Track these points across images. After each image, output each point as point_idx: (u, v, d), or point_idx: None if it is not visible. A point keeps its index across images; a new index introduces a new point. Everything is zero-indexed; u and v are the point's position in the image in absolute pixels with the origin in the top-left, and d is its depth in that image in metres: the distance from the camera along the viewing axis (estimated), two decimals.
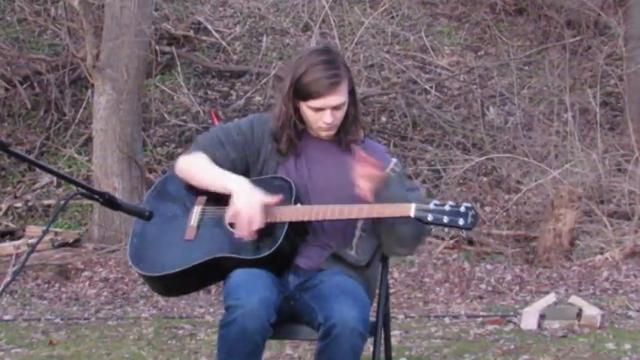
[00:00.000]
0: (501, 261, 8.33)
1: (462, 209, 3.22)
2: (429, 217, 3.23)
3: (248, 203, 3.29)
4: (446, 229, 3.31)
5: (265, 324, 3.14)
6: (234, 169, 3.44)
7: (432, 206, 3.24)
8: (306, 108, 3.41)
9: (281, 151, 3.46)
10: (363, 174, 3.30)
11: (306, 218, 3.33)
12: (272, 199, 3.32)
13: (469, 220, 3.22)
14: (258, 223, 3.28)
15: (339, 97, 3.39)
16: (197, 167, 3.45)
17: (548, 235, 8.32)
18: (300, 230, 3.37)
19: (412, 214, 3.24)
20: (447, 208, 3.23)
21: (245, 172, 3.46)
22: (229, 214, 3.33)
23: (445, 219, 3.22)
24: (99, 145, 9.18)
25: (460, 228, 3.23)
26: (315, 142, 3.50)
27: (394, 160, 3.54)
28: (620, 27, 10.43)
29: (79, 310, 7.18)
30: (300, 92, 3.39)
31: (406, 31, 11.85)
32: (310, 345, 5.29)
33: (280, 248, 3.30)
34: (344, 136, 3.48)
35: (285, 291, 3.34)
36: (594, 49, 11.35)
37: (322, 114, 3.40)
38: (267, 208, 3.31)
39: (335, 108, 3.40)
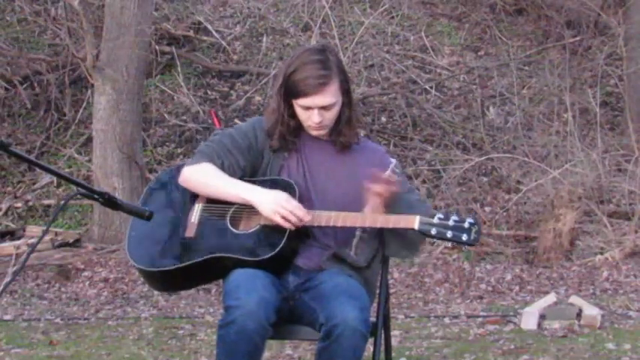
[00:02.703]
0: (501, 261, 8.33)
1: (466, 225, 3.23)
2: (433, 231, 3.25)
3: (276, 200, 3.30)
4: (449, 244, 3.35)
5: (264, 324, 3.14)
6: (243, 175, 3.44)
7: (435, 220, 3.25)
8: (297, 106, 3.42)
9: (273, 148, 3.46)
10: (376, 192, 3.33)
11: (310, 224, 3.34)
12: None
13: (472, 236, 3.23)
14: (298, 208, 3.29)
15: (327, 98, 3.38)
16: (207, 178, 3.42)
17: (548, 235, 8.32)
18: (302, 233, 3.37)
19: (416, 227, 3.26)
20: (450, 222, 3.24)
21: (253, 176, 3.46)
22: (267, 219, 3.31)
23: (449, 234, 3.23)
24: (99, 145, 9.17)
25: (463, 244, 3.25)
26: (312, 142, 3.50)
27: (393, 161, 3.54)
28: (620, 27, 10.42)
29: (79, 310, 7.17)
30: (290, 90, 3.39)
31: (406, 31, 11.84)
32: (310, 345, 5.29)
33: (282, 250, 3.30)
34: (337, 138, 3.48)
35: (284, 291, 3.34)
36: (594, 49, 11.35)
37: (310, 113, 3.40)
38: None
39: (323, 108, 3.40)
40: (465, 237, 3.23)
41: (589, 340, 5.66)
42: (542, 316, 6.14)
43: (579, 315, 6.10)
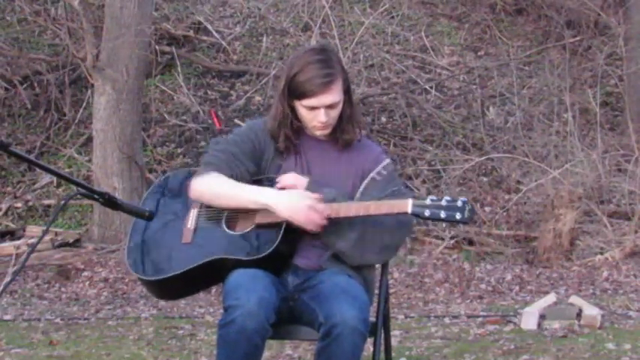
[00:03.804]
0: (501, 261, 8.33)
1: (459, 204, 3.24)
2: (427, 213, 3.25)
3: (295, 203, 3.28)
4: (443, 224, 3.34)
5: (264, 324, 3.14)
6: (250, 179, 3.43)
7: (428, 202, 3.25)
8: (301, 107, 3.42)
9: (279, 150, 3.46)
10: None
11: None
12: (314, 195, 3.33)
13: (466, 214, 3.23)
14: (320, 213, 3.27)
15: (333, 96, 3.39)
16: (218, 188, 3.38)
17: (548, 235, 8.32)
18: (297, 230, 3.37)
19: (409, 211, 3.26)
20: (443, 202, 3.25)
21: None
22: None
23: (442, 214, 3.24)
24: (99, 145, 9.18)
25: (457, 222, 3.25)
26: (312, 142, 3.50)
27: (384, 162, 3.52)
28: (620, 27, 10.43)
29: (79, 310, 7.18)
30: (295, 91, 3.39)
31: (406, 31, 11.85)
32: (310, 345, 5.29)
33: (278, 249, 3.30)
34: (340, 135, 3.49)
35: (284, 291, 3.34)
36: (594, 49, 11.35)
37: (316, 113, 3.40)
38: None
39: (329, 107, 3.40)
40: (458, 215, 3.23)
41: (589, 340, 5.66)
42: (542, 316, 6.13)
43: (579, 315, 6.09)
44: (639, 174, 8.83)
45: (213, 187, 3.39)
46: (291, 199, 3.30)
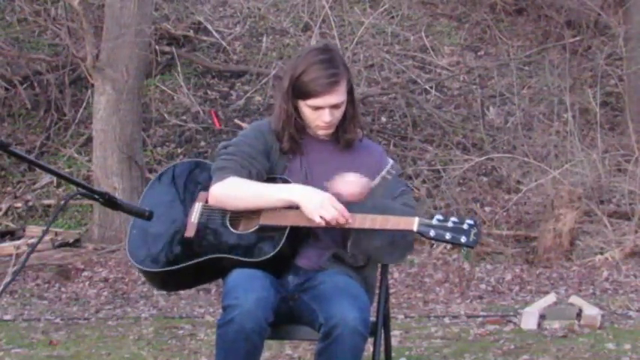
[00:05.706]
0: (501, 261, 8.33)
1: (465, 226, 3.22)
2: (432, 233, 3.24)
3: (323, 200, 3.27)
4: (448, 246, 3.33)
5: (262, 324, 3.14)
6: (265, 177, 3.43)
7: (434, 222, 3.24)
8: (305, 107, 3.41)
9: (284, 150, 3.46)
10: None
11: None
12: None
13: (471, 238, 3.21)
14: (341, 209, 3.26)
15: (338, 96, 3.40)
16: (240, 191, 3.35)
17: (548, 235, 8.32)
18: (301, 233, 3.36)
19: (415, 229, 3.25)
20: (449, 224, 3.23)
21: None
22: (316, 220, 3.28)
23: (447, 236, 3.23)
24: (99, 145, 9.18)
25: (462, 245, 3.23)
26: (314, 142, 3.50)
27: (390, 162, 3.53)
28: (620, 27, 10.43)
29: (79, 310, 7.18)
30: (299, 91, 3.39)
31: (406, 31, 11.85)
32: (310, 345, 5.29)
33: (281, 251, 3.30)
34: (342, 135, 3.49)
35: (283, 291, 3.34)
36: (594, 49, 11.35)
37: (321, 113, 3.40)
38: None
39: (334, 107, 3.40)
40: (463, 239, 3.22)
41: (589, 340, 5.66)
42: (542, 316, 6.14)
43: (579, 315, 6.10)
44: (639, 174, 8.83)
45: (235, 190, 3.36)
46: (322, 198, 3.28)
